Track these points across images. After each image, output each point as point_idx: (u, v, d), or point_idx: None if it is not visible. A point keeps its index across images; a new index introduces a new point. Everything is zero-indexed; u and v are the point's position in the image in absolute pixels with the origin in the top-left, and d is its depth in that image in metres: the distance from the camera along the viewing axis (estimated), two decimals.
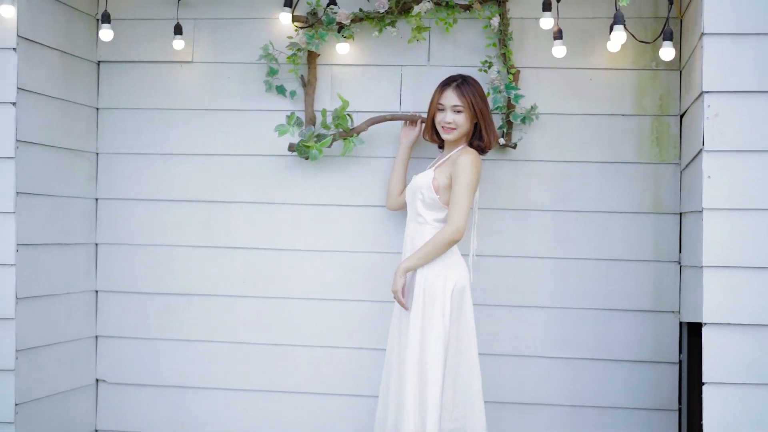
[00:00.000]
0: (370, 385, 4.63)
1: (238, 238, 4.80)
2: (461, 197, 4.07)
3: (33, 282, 4.35)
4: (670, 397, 4.53)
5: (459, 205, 4.07)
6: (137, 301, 4.88)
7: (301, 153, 4.56)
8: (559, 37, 4.34)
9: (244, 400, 4.80)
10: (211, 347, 4.82)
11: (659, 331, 4.54)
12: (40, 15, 4.36)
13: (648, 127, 4.54)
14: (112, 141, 4.89)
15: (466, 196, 4.07)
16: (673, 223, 4.52)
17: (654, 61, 4.51)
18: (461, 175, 4.09)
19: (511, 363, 4.62)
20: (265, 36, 4.71)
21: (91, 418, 4.88)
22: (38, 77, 4.36)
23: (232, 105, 4.79)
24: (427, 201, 4.16)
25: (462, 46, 4.64)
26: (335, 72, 4.72)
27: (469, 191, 4.08)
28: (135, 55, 4.86)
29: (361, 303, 4.70)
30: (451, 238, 4.07)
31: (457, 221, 4.05)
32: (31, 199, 4.32)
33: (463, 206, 4.07)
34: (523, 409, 4.62)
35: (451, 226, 4.06)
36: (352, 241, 4.72)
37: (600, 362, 4.57)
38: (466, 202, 4.07)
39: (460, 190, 4.07)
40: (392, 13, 4.54)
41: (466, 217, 4.07)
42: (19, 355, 4.23)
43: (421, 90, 4.61)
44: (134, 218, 4.87)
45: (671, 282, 4.52)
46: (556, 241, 4.60)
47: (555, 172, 4.60)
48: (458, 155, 4.16)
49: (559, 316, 4.60)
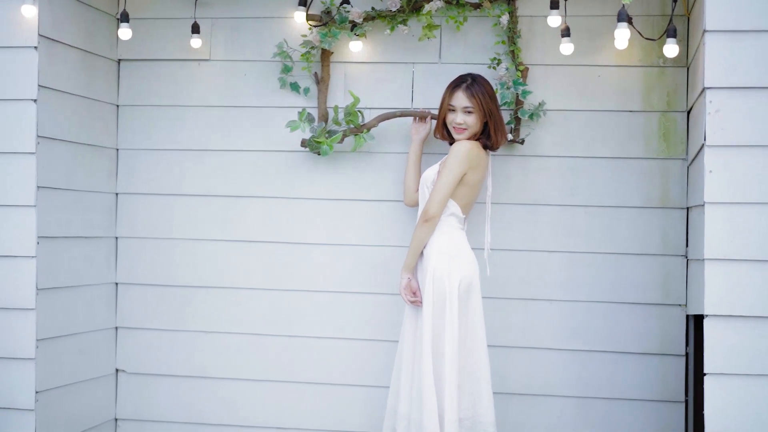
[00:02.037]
0: (383, 376, 4.70)
1: (253, 232, 4.89)
2: (439, 181, 4.15)
3: (53, 273, 4.46)
4: (677, 388, 4.57)
5: (436, 189, 4.16)
6: (156, 293, 4.98)
7: (312, 149, 4.66)
8: (566, 34, 4.40)
9: (260, 390, 4.89)
10: (228, 338, 4.91)
11: (666, 324, 4.58)
12: (61, 14, 4.48)
13: (655, 123, 4.59)
14: (131, 137, 4.99)
15: (444, 181, 4.14)
16: (680, 217, 4.57)
17: (661, 58, 4.55)
18: (447, 160, 4.19)
19: (520, 355, 4.68)
20: (279, 34, 4.80)
21: (110, 407, 5.00)
22: (59, 75, 4.47)
23: (247, 102, 4.88)
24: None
25: (472, 43, 4.71)
26: (348, 69, 4.80)
27: (450, 176, 4.15)
28: (154, 54, 4.96)
29: (374, 296, 4.78)
30: (422, 219, 4.17)
31: (431, 204, 4.15)
32: (52, 193, 4.43)
33: (439, 188, 4.15)
34: (532, 400, 4.68)
35: (425, 210, 4.17)
36: (364, 234, 4.80)
37: (607, 354, 4.62)
38: (444, 186, 4.14)
39: (441, 175, 4.17)
40: (404, 11, 4.61)
41: (441, 199, 4.14)
42: (40, 344, 4.34)
43: (432, 87, 4.68)
44: (153, 212, 4.98)
45: (678, 275, 4.56)
46: (565, 235, 4.65)
47: (563, 167, 4.65)
48: (453, 145, 4.24)
49: (567, 308, 4.66)
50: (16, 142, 4.29)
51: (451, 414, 4.06)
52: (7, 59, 4.29)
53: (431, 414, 4.06)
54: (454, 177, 4.16)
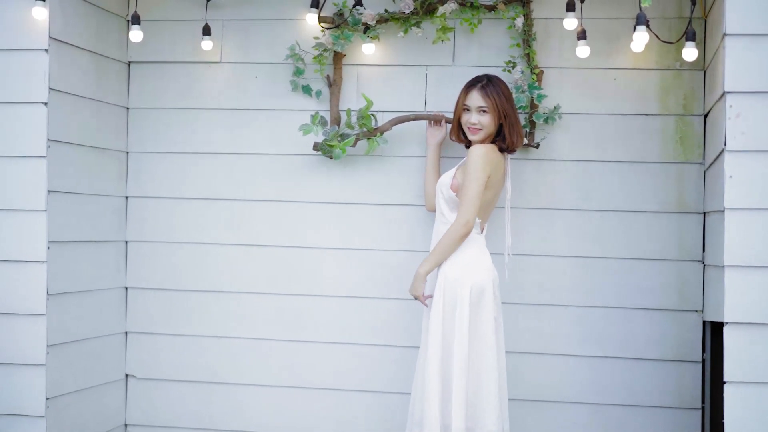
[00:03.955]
0: (394, 383, 4.68)
1: (264, 236, 4.85)
2: (467, 189, 4.08)
3: (64, 278, 4.42)
4: (693, 395, 4.53)
5: (466, 198, 4.08)
6: (166, 297, 4.94)
7: (325, 152, 4.62)
8: (582, 37, 4.36)
9: (270, 395, 4.85)
10: (239, 343, 4.87)
11: (682, 330, 4.54)
12: (71, 16, 4.44)
13: (672, 126, 4.55)
14: (141, 140, 4.96)
15: (472, 188, 4.07)
16: (696, 222, 4.52)
17: (678, 61, 4.51)
18: (469, 167, 4.12)
19: (534, 361, 4.64)
20: (291, 36, 4.76)
21: (120, 412, 4.96)
22: (69, 78, 4.43)
23: (258, 105, 4.84)
24: (446, 200, 4.20)
25: (486, 46, 4.66)
26: (361, 72, 4.76)
27: (476, 182, 4.07)
28: (164, 56, 4.93)
29: (386, 301, 4.74)
30: (460, 232, 4.08)
31: (464, 214, 4.07)
32: (62, 197, 4.39)
33: (469, 198, 4.07)
34: (546, 406, 4.64)
35: (458, 220, 4.08)
36: (377, 239, 4.76)
37: (623, 360, 4.58)
38: (473, 193, 4.07)
39: (467, 183, 4.09)
40: (417, 13, 4.57)
41: (473, 208, 4.07)
42: (50, 350, 4.30)
43: (445, 90, 4.64)
44: (163, 216, 4.94)
45: (695, 281, 4.52)
46: (580, 239, 4.61)
47: (578, 171, 4.61)
48: (470, 150, 4.19)
49: (582, 314, 4.61)
50: (27, 146, 4.26)
51: (458, 422, 4.01)
52: (18, 62, 4.26)
53: (433, 420, 4.02)
54: (480, 182, 4.09)
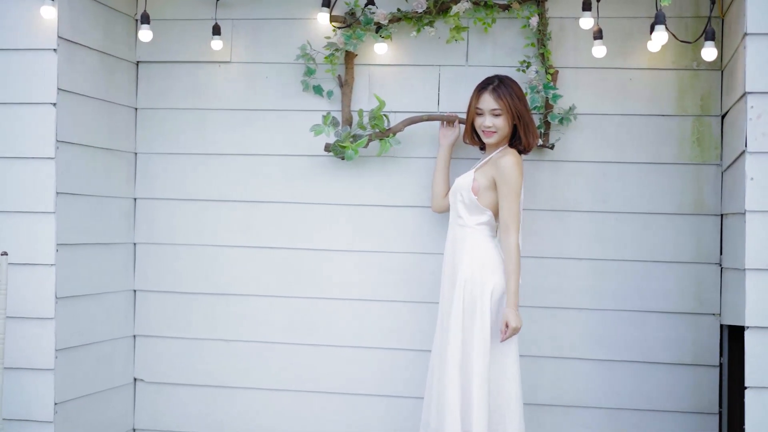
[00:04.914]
0: (407, 387, 4.64)
1: (275, 238, 4.79)
2: (512, 204, 4.04)
3: (72, 282, 4.37)
4: (711, 400, 4.47)
5: (513, 211, 4.04)
6: (175, 300, 4.89)
7: (336, 153, 4.56)
8: (599, 36, 4.31)
9: (281, 400, 4.79)
10: (249, 347, 4.82)
11: (699, 334, 4.48)
12: (80, 16, 4.38)
13: (689, 127, 4.49)
14: (150, 141, 4.90)
15: (515, 200, 4.04)
16: (713, 224, 4.47)
17: (695, 61, 4.46)
18: (507, 177, 4.05)
19: (549, 365, 4.59)
20: (302, 36, 4.70)
21: (128, 417, 4.90)
22: (78, 78, 4.38)
23: (269, 105, 4.79)
24: (466, 203, 4.14)
25: (500, 46, 4.61)
26: (373, 72, 4.70)
27: (517, 194, 4.05)
28: (173, 56, 4.87)
29: (398, 304, 4.68)
30: (518, 243, 4.04)
31: (516, 232, 4.03)
32: (71, 199, 4.34)
33: (515, 211, 4.04)
34: (561, 411, 4.58)
35: (512, 240, 4.02)
36: (389, 241, 4.70)
37: (639, 364, 4.52)
38: (517, 205, 4.05)
39: (509, 198, 4.04)
40: (430, 13, 4.51)
41: (519, 222, 4.06)
42: (59, 355, 4.25)
43: (459, 90, 4.58)
44: (172, 218, 4.88)
45: (712, 284, 4.46)
46: (595, 241, 4.55)
47: (594, 172, 4.55)
48: (499, 157, 4.12)
49: (597, 317, 4.56)
50: (36, 147, 4.20)
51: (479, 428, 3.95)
52: (27, 62, 4.20)
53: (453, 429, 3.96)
54: (519, 193, 4.07)
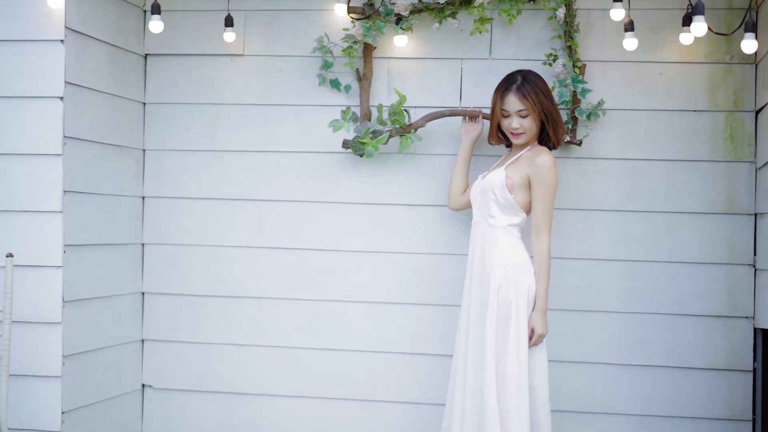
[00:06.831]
0: (428, 393, 4.52)
1: (290, 238, 4.65)
2: (548, 203, 3.92)
3: (80, 284, 4.21)
4: (744, 406, 4.35)
5: (547, 213, 3.93)
6: (185, 303, 4.73)
7: (356, 150, 4.40)
8: (630, 29, 4.16)
9: (296, 406, 4.65)
10: (262, 352, 4.67)
11: (732, 338, 4.36)
12: (88, 6, 4.22)
13: (721, 123, 4.36)
14: (159, 137, 4.74)
15: (551, 202, 3.93)
16: (747, 224, 4.34)
17: (728, 54, 4.32)
18: (545, 177, 3.92)
19: (576, 370, 4.45)
20: (319, 28, 4.56)
21: (137, 424, 4.73)
22: (86, 71, 4.21)
23: (284, 100, 4.64)
24: (500, 202, 3.97)
25: (525, 38, 4.46)
26: (392, 65, 4.55)
27: (553, 195, 3.94)
28: (183, 48, 4.71)
29: (420, 306, 4.54)
30: (549, 247, 3.92)
31: (547, 229, 3.92)
32: (78, 197, 4.18)
33: (550, 213, 3.93)
34: (589, 417, 4.45)
35: (544, 242, 3.91)
36: (410, 242, 4.56)
37: (669, 369, 4.40)
38: (551, 207, 3.94)
39: (545, 200, 3.92)
40: (453, 3, 4.37)
41: (551, 221, 3.95)
42: (66, 361, 4.10)
43: (482, 84, 4.44)
44: (182, 217, 4.73)
45: (745, 286, 4.34)
46: (624, 242, 4.42)
47: (623, 170, 4.42)
48: (534, 155, 3.98)
49: (626, 320, 4.43)
50: (42, 144, 4.04)
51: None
52: (33, 54, 4.04)
53: None
54: (554, 195, 3.95)
